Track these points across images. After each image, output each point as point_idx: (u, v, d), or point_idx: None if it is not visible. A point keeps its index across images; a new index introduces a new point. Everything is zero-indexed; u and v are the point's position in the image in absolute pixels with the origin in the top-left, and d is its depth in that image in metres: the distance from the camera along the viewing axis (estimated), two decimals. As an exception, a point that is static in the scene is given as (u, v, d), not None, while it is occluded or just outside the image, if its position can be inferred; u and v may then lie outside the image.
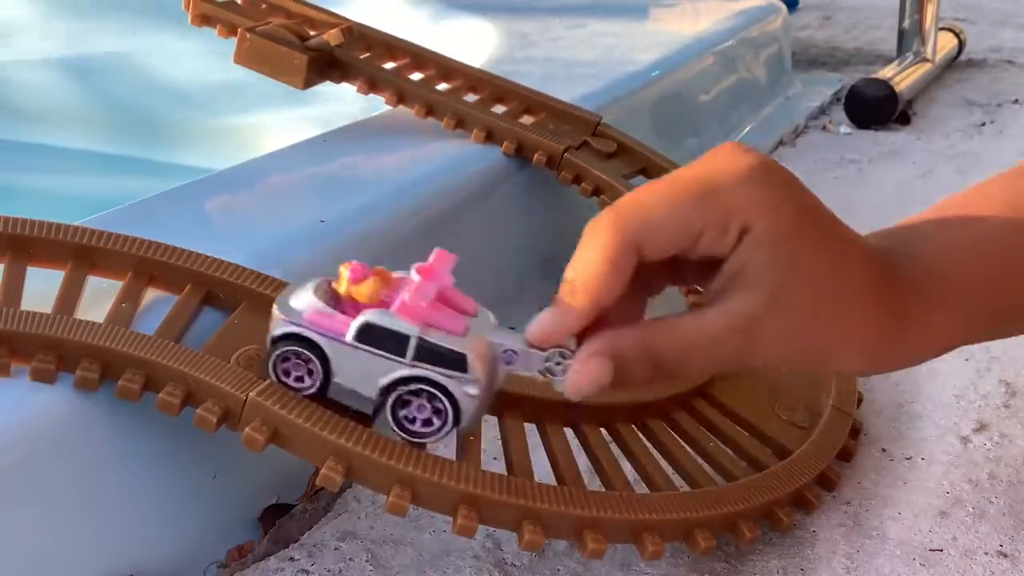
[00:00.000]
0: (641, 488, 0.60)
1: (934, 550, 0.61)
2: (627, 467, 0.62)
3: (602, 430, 0.64)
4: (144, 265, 0.61)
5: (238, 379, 0.52)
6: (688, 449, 0.65)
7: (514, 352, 0.51)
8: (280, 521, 0.61)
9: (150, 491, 0.56)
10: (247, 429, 0.51)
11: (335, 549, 0.60)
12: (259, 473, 0.63)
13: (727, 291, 0.49)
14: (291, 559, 0.59)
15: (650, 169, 0.94)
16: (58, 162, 1.94)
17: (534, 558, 0.60)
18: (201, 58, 1.82)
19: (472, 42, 1.48)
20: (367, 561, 0.59)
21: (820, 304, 0.50)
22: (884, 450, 0.71)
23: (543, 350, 0.50)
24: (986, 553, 0.60)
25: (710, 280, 0.50)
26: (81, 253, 0.60)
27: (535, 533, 0.51)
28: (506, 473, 0.56)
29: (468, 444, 0.57)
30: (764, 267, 0.49)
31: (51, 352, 0.52)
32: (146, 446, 0.56)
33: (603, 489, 0.59)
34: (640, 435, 0.65)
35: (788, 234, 0.49)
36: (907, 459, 0.70)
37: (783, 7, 1.76)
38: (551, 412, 0.63)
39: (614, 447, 0.63)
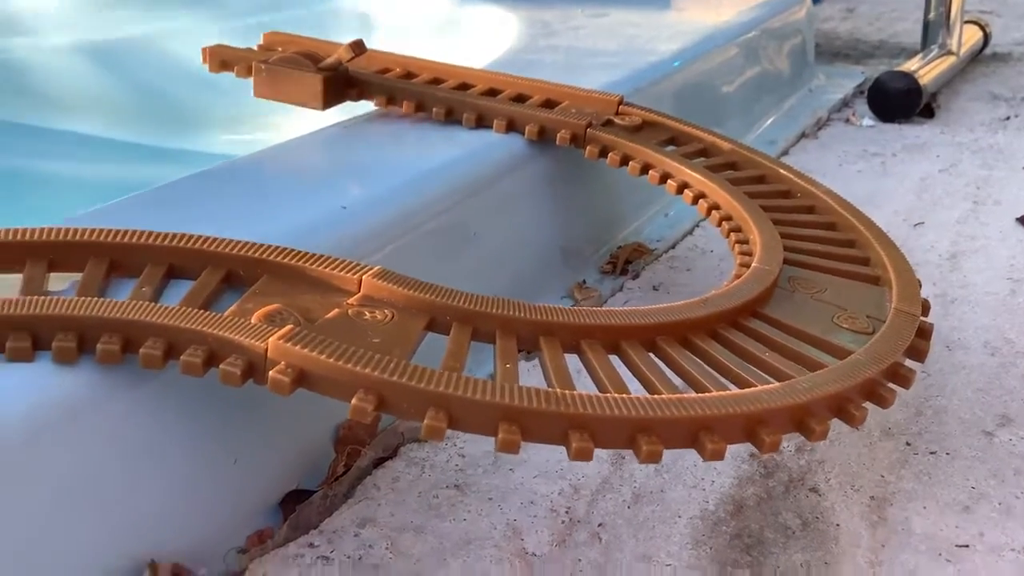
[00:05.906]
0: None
1: (960, 546, 0.60)
2: (677, 383, 0.58)
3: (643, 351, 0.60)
4: (161, 254, 0.61)
5: (258, 331, 0.52)
6: (739, 360, 0.61)
7: None
8: (300, 507, 0.61)
9: (170, 477, 0.56)
10: (272, 373, 0.50)
11: (355, 535, 0.60)
12: (279, 459, 0.63)
13: None
14: (311, 545, 0.59)
15: (679, 138, 0.93)
16: (82, 148, 1.95)
17: (555, 547, 0.59)
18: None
19: (494, 31, 1.47)
20: (387, 548, 0.59)
21: None
22: (908, 444, 0.70)
23: None
24: (1013, 549, 0.60)
25: None
26: (99, 251, 0.60)
27: (583, 441, 0.49)
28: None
29: (505, 371, 0.55)
30: None
31: (71, 332, 0.52)
32: (167, 433, 0.56)
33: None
34: (685, 351, 0.61)
35: None
36: (931, 453, 0.69)
37: (807, -2, 1.75)
38: (591, 337, 0.60)
39: (660, 364, 0.60)
